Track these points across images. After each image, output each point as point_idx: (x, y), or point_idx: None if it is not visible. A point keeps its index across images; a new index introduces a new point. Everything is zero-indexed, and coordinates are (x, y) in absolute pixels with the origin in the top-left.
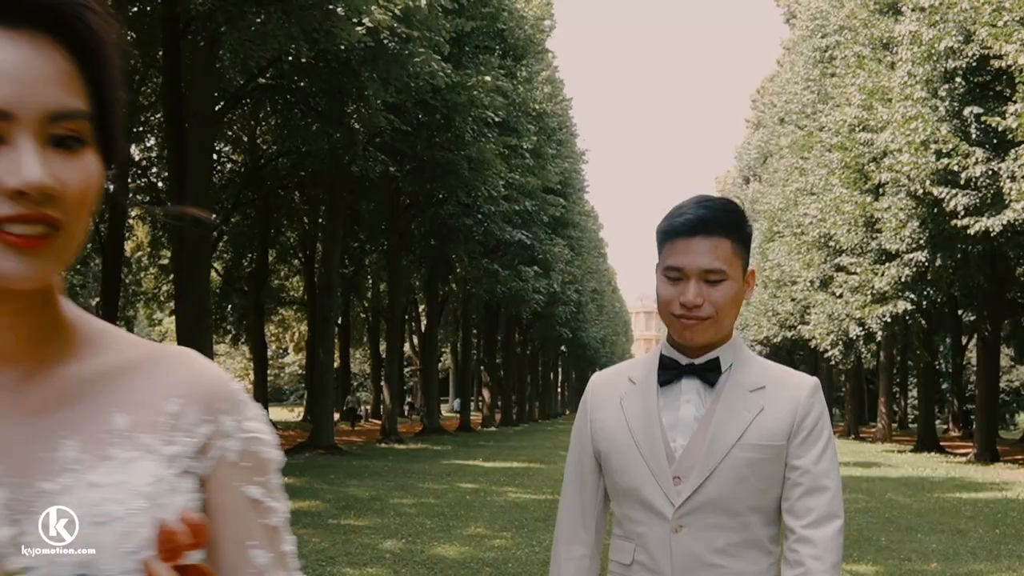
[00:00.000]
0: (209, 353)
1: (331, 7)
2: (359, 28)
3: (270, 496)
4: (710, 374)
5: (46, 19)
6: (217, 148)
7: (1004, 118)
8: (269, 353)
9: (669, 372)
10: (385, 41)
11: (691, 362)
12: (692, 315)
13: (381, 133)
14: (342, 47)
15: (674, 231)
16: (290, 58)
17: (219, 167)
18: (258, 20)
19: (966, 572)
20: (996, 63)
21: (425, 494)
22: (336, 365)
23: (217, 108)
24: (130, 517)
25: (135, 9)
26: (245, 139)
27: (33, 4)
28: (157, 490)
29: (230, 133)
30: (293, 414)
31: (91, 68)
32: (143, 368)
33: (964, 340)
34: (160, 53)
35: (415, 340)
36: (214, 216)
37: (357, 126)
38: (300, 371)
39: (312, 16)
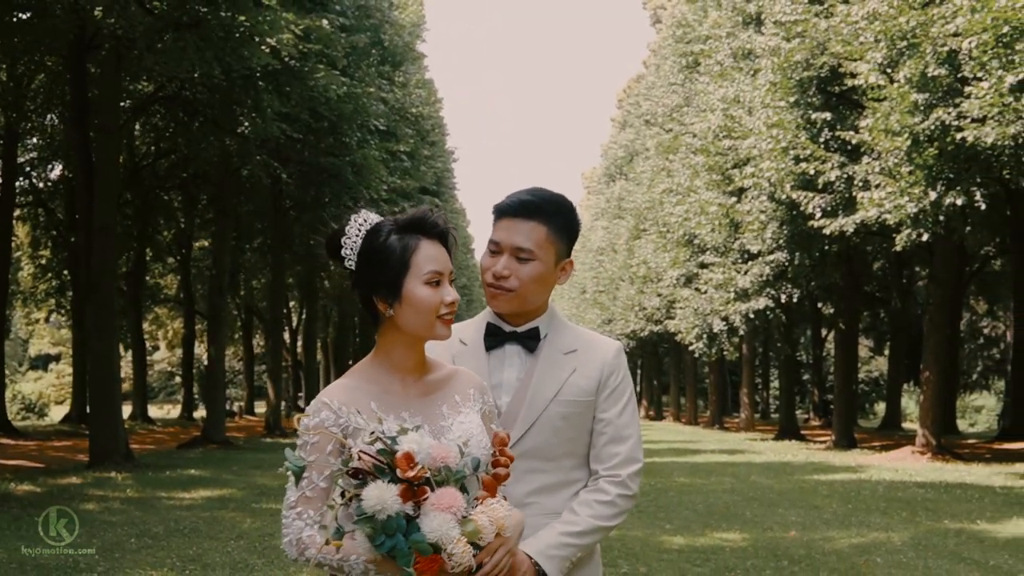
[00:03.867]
0: (115, 352)
1: (239, 33)
2: (264, 48)
3: (497, 427)
4: (530, 341)
5: (440, 235)
6: None
7: (857, 131)
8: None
9: (495, 338)
10: (287, 59)
11: (513, 330)
12: (499, 285)
13: (273, 140)
14: (247, 68)
15: (500, 210)
16: (196, 75)
17: None
18: (175, 43)
19: (820, 538)
20: (850, 81)
21: None
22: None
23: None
24: (479, 435)
25: (26, 15)
26: (124, 140)
27: (436, 230)
28: (482, 424)
29: None
30: (163, 411)
31: (448, 248)
32: (453, 376)
33: (824, 332)
34: (47, 59)
35: (285, 337)
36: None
37: (250, 134)
38: (170, 368)
39: (226, 41)
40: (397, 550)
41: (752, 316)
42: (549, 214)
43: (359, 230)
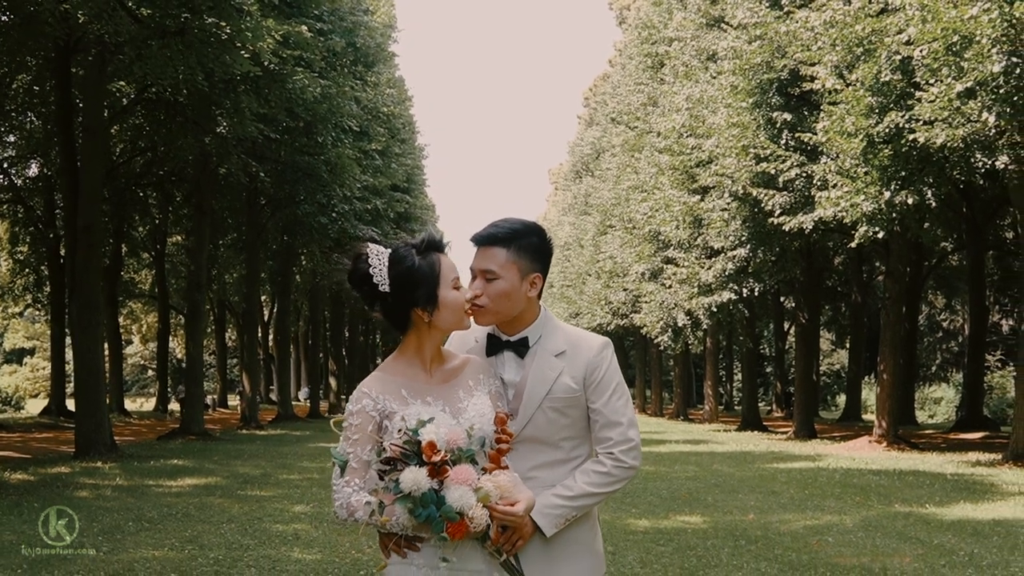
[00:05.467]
0: (99, 347)
1: (223, 41)
2: (244, 54)
3: (503, 404)
4: (521, 348)
5: (442, 249)
6: None
7: (815, 133)
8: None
9: (494, 346)
10: (267, 64)
11: (508, 339)
12: (475, 303)
13: (249, 139)
14: (229, 74)
15: (473, 241)
16: (180, 76)
17: None
18: (160, 50)
19: (777, 520)
20: (808, 85)
21: (307, 471)
22: (179, 356)
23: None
24: (488, 413)
25: (11, 16)
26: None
27: (443, 245)
28: (491, 404)
29: None
30: (136, 404)
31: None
32: (466, 365)
33: (786, 326)
34: (29, 59)
35: (257, 331)
36: None
37: (227, 134)
38: (143, 362)
39: (209, 48)
40: (431, 519)
41: (716, 310)
42: (508, 240)
43: (380, 260)
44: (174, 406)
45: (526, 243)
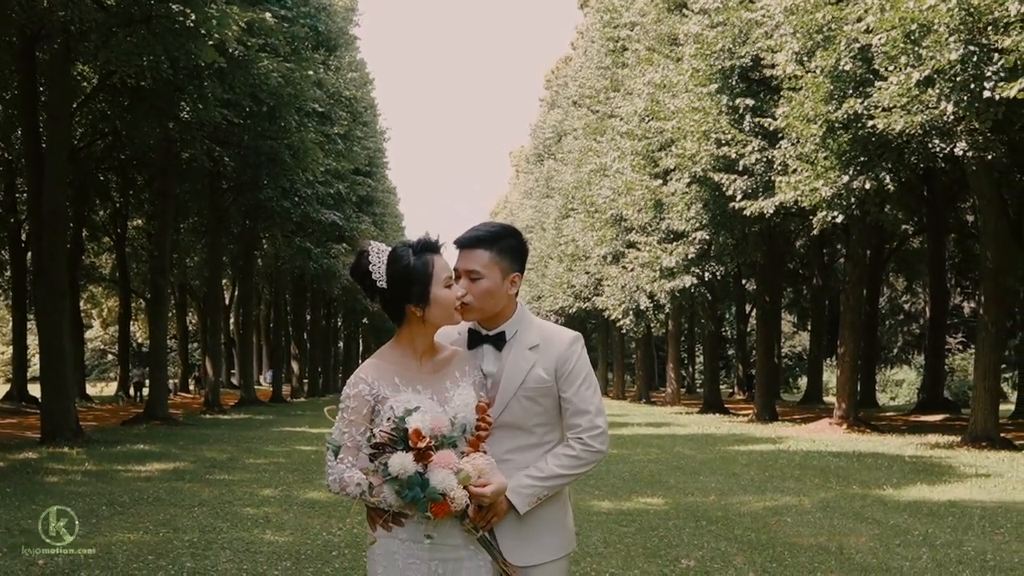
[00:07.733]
0: (64, 331)
1: (188, 29)
2: (210, 43)
3: (484, 392)
4: (499, 342)
5: (439, 249)
6: None
7: (775, 119)
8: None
9: (474, 341)
10: (232, 51)
11: (487, 333)
12: (461, 301)
13: (213, 124)
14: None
15: (457, 245)
16: (144, 63)
17: None
18: (126, 38)
19: (737, 502)
20: (768, 71)
21: (274, 455)
22: (140, 340)
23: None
24: (471, 402)
25: None
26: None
27: (438, 246)
28: (475, 394)
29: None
30: (96, 389)
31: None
32: (453, 356)
33: (748, 308)
34: None
35: (220, 315)
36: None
37: (191, 119)
38: (103, 347)
39: (174, 36)
40: (416, 499)
41: (677, 294)
42: (490, 242)
43: (379, 258)
44: (131, 391)
45: (506, 245)
